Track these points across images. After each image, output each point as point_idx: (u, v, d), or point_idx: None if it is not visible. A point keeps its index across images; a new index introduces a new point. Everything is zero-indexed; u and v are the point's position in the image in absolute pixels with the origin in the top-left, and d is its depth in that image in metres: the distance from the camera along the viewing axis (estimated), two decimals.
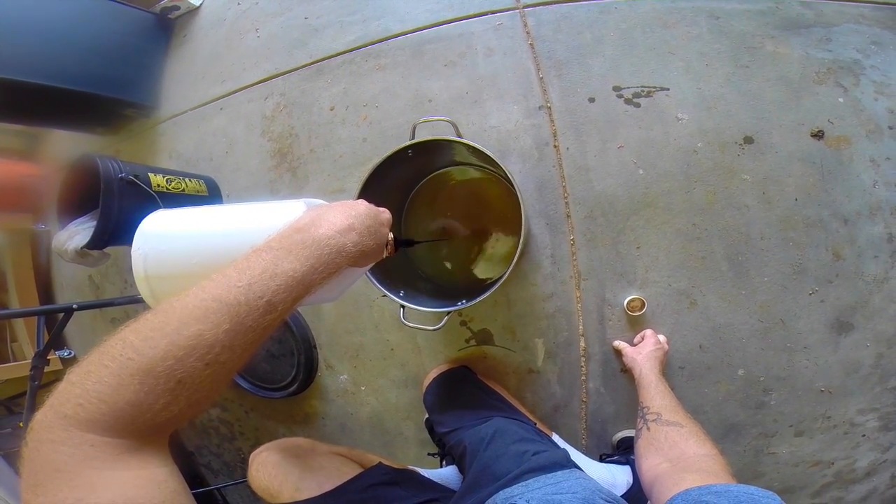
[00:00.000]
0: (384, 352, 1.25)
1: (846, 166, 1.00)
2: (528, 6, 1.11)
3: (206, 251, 0.59)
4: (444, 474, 0.99)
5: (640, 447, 0.80)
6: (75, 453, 0.34)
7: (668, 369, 1.08)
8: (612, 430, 1.15)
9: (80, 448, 0.34)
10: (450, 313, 0.90)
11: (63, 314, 1.19)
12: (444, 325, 0.91)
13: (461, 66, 1.15)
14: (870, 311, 1.02)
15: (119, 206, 1.05)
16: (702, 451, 0.72)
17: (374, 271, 0.91)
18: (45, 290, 1.92)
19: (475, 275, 1.15)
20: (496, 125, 1.12)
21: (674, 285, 1.07)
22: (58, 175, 1.20)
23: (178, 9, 1.48)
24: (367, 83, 1.22)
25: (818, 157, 1.01)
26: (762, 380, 1.06)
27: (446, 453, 1.06)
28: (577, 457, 1.02)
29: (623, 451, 1.10)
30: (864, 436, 1.07)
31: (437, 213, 1.15)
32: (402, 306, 0.92)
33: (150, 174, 1.13)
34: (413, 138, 0.89)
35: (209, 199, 1.29)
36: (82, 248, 1.12)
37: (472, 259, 1.15)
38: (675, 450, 0.74)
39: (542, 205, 1.10)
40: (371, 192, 0.91)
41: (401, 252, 1.13)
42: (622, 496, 0.83)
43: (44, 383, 1.17)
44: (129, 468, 0.35)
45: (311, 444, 0.89)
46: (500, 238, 1.12)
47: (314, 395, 1.37)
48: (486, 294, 0.86)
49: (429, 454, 1.13)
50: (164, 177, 1.16)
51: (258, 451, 0.84)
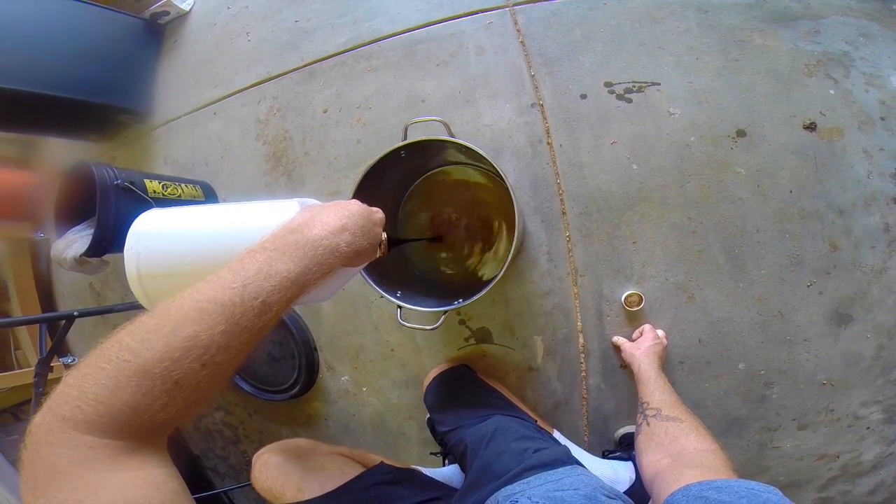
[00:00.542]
0: (384, 352, 1.26)
1: (840, 158, 1.00)
2: (517, 4, 1.11)
3: (200, 250, 0.59)
4: (447, 473, 1.00)
5: (641, 443, 0.80)
6: (74, 455, 0.34)
7: (667, 364, 1.08)
8: (613, 427, 1.15)
9: (78, 450, 0.34)
10: (447, 312, 0.90)
11: (64, 321, 1.20)
12: (441, 325, 0.91)
13: (453, 66, 1.15)
14: (869, 302, 1.01)
15: (116, 214, 1.05)
16: (702, 447, 0.72)
17: (370, 272, 0.91)
18: (46, 298, 1.92)
19: (473, 273, 1.15)
20: (489, 124, 1.13)
21: (671, 280, 1.07)
22: (54, 183, 1.20)
23: (167, 14, 1.48)
24: (359, 85, 1.22)
25: (811, 149, 1.00)
26: (763, 373, 1.06)
27: (448, 452, 1.06)
28: (580, 454, 1.02)
29: (625, 448, 1.10)
30: (868, 428, 1.06)
31: (432, 212, 1.15)
32: (399, 306, 0.92)
33: (145, 180, 1.13)
34: (405, 139, 0.89)
35: (205, 204, 1.30)
36: (81, 256, 1.12)
37: (470, 258, 1.15)
38: (676, 445, 0.73)
39: (537, 202, 1.10)
40: (365, 193, 0.91)
41: (397, 252, 1.13)
42: (625, 492, 0.83)
43: (48, 391, 1.18)
44: (128, 469, 0.36)
45: (313, 445, 0.90)
46: (496, 236, 1.12)
47: (316, 396, 1.37)
48: (482, 293, 0.86)
49: (431, 453, 1.13)
50: (160, 183, 1.16)
51: (260, 452, 0.85)
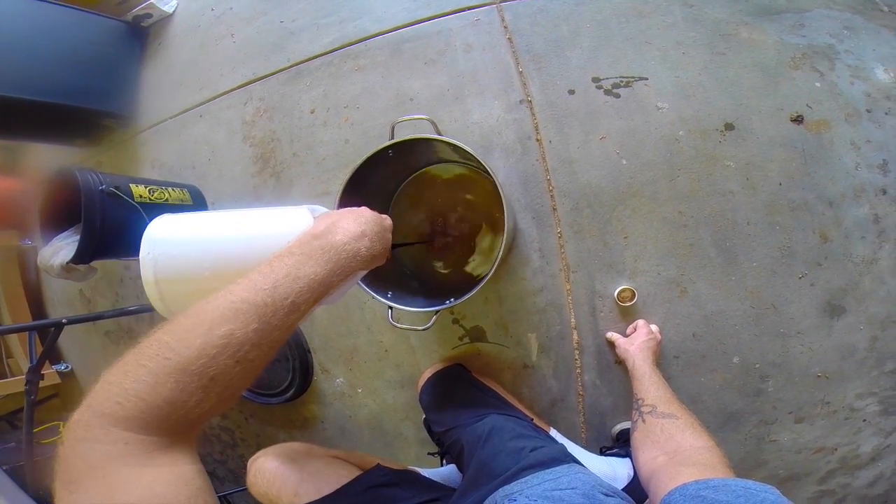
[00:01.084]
0: (378, 353, 1.25)
1: (828, 150, 1.00)
2: (504, 0, 1.11)
3: (217, 257, 0.62)
4: (445, 473, 0.99)
5: (636, 440, 0.80)
6: (111, 451, 0.35)
7: (662, 359, 1.08)
8: (610, 423, 1.15)
9: (115, 445, 0.35)
10: (438, 312, 0.90)
11: (53, 329, 1.19)
12: (435, 325, 0.91)
13: (441, 64, 1.15)
14: (861, 294, 1.02)
15: (102, 219, 1.04)
16: (698, 443, 0.71)
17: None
18: (36, 306, 1.91)
19: (466, 272, 1.14)
20: (478, 121, 1.12)
21: (663, 274, 1.06)
22: (39, 190, 1.19)
23: (150, 16, 1.47)
24: (346, 84, 1.21)
25: (799, 142, 1.01)
26: (758, 367, 1.06)
27: (446, 452, 1.06)
28: (577, 451, 1.02)
29: (623, 444, 1.10)
30: (865, 421, 1.06)
31: (423, 211, 1.14)
32: (390, 307, 0.92)
33: (131, 185, 1.12)
34: (393, 138, 0.89)
35: (193, 207, 1.28)
36: (68, 263, 1.10)
37: (462, 256, 1.14)
38: (672, 442, 0.73)
39: (527, 199, 1.10)
40: (353, 194, 0.90)
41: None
42: (623, 489, 0.82)
43: (41, 398, 1.17)
44: (159, 465, 0.37)
45: (308, 449, 0.89)
46: (488, 234, 1.12)
47: (312, 399, 1.37)
48: (472, 293, 0.85)
49: (429, 453, 1.13)
50: (146, 187, 1.15)
51: (255, 457, 0.84)
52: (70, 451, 0.35)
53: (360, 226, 0.59)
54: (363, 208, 0.65)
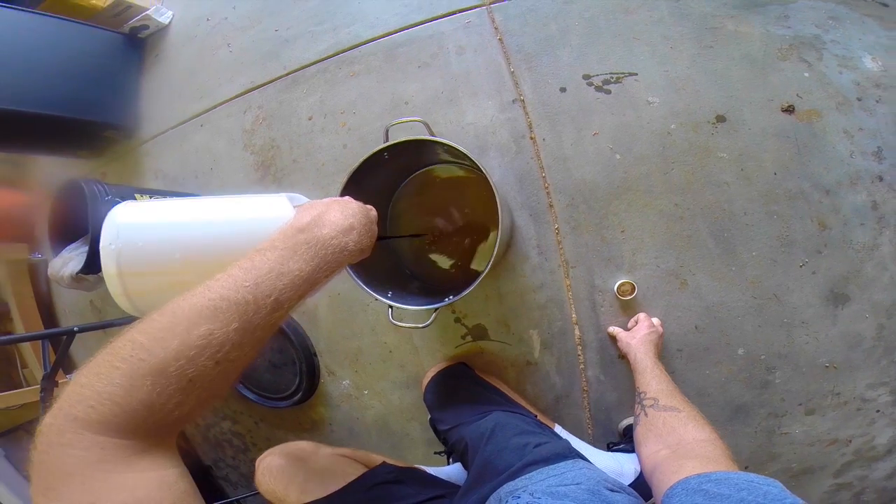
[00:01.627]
0: (383, 354, 1.26)
1: (820, 138, 1.00)
2: (494, 2, 1.12)
3: (189, 245, 0.56)
4: (451, 471, 1.00)
5: (639, 434, 0.79)
6: (87, 456, 0.34)
7: (665, 352, 1.07)
8: (616, 418, 1.14)
9: (91, 451, 0.34)
10: (438, 310, 0.90)
11: (66, 337, 1.21)
12: (436, 323, 0.91)
13: (434, 67, 1.16)
14: (863, 281, 1.00)
15: None
16: (701, 436, 0.71)
17: (359, 273, 0.92)
18: (48, 317, 1.94)
19: (465, 270, 1.15)
20: (473, 122, 1.13)
21: (662, 266, 1.06)
22: (47, 202, 1.21)
23: (147, 28, 1.48)
24: (342, 90, 1.23)
25: (792, 132, 1.00)
26: (763, 358, 1.05)
27: (451, 450, 1.06)
28: (583, 447, 1.02)
29: (629, 439, 1.09)
30: (878, 411, 1.04)
31: (422, 211, 1.15)
32: (390, 306, 0.93)
33: (136, 195, 1.14)
34: (387, 141, 0.90)
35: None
36: (77, 273, 1.13)
37: (461, 256, 1.15)
38: (674, 435, 0.73)
39: (524, 196, 1.11)
40: (353, 196, 0.91)
41: (389, 253, 1.14)
42: (630, 485, 0.82)
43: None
44: (139, 470, 0.35)
45: (315, 447, 0.91)
46: (486, 232, 1.12)
47: (319, 402, 1.38)
48: (469, 289, 0.86)
49: (435, 452, 1.13)
50: (150, 197, 1.17)
51: (263, 456, 0.86)
52: (45, 457, 0.33)
53: (348, 218, 0.56)
54: (348, 198, 0.62)
